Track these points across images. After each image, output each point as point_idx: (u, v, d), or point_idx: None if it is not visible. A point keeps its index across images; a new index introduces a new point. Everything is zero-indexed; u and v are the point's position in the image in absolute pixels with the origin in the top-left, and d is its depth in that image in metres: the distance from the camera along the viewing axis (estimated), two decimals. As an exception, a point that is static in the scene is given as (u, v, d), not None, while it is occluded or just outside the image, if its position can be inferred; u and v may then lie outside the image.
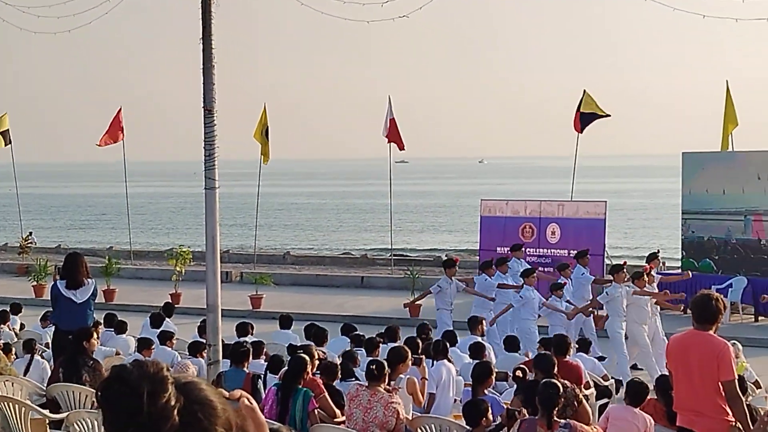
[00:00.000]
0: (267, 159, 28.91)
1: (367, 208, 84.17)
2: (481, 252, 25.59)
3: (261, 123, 28.64)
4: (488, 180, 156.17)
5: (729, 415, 7.96)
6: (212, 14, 11.36)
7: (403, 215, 73.47)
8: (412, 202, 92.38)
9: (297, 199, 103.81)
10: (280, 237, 60.15)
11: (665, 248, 37.06)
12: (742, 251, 22.17)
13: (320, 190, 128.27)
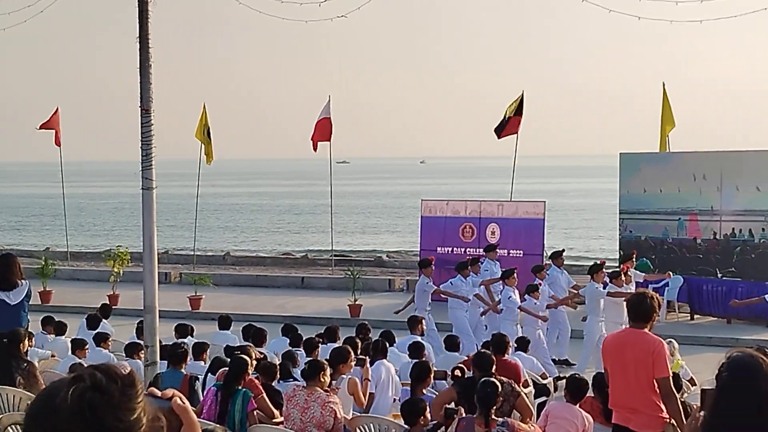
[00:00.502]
0: (210, 159, 28.78)
1: (308, 209, 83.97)
2: (421, 252, 25.68)
3: (202, 123, 28.48)
4: (429, 180, 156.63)
5: (663, 411, 8.07)
6: (149, 13, 11.24)
7: (344, 216, 73.43)
8: (353, 203, 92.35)
9: (238, 200, 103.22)
10: (220, 238, 59.77)
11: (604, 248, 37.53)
12: (678, 250, 22.47)
13: (261, 190, 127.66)
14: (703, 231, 22.23)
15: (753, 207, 21.45)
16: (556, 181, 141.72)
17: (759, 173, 21.39)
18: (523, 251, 23.57)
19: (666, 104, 24.91)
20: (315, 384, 9.31)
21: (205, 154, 28.71)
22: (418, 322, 14.37)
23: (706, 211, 22.13)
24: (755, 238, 21.42)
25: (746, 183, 21.48)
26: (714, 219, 22.02)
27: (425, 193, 47.41)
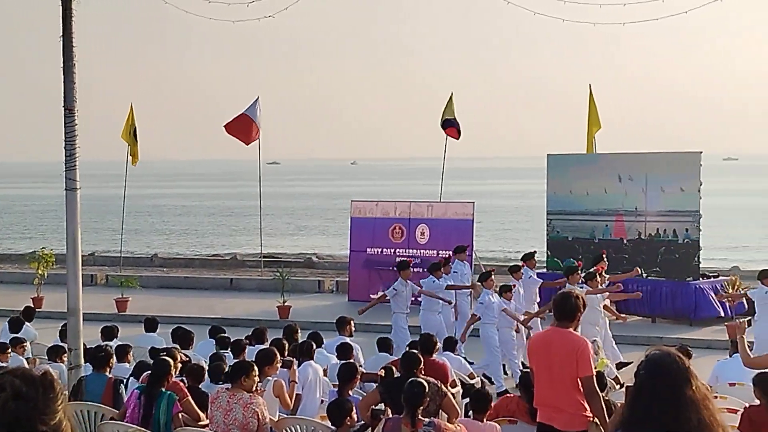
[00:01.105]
0: (136, 160, 28.54)
1: (238, 210, 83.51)
2: (351, 253, 25.73)
3: (128, 123, 28.23)
4: (360, 181, 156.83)
5: (587, 410, 8.14)
6: (73, 11, 11.09)
7: (275, 217, 73.15)
8: (283, 204, 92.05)
9: (167, 201, 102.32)
10: (147, 240, 59.14)
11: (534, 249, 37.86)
12: (605, 250, 22.70)
13: (190, 191, 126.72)
14: (628, 231, 22.51)
15: (677, 207, 21.81)
16: (486, 182, 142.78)
17: (682, 174, 21.74)
18: (452, 251, 23.66)
19: (592, 106, 25.24)
20: (239, 386, 9.26)
21: (130, 155, 28.47)
22: (347, 323, 14.34)
23: (632, 212, 22.42)
24: (679, 238, 21.78)
25: (670, 184, 21.83)
26: (639, 220, 22.33)
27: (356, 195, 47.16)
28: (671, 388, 3.90)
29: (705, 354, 17.22)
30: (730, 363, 12.32)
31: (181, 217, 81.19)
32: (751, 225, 65.66)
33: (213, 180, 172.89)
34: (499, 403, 10.07)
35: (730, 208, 75.59)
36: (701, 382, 4.03)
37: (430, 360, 10.91)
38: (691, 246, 21.65)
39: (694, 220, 21.71)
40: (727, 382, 11.73)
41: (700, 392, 3.96)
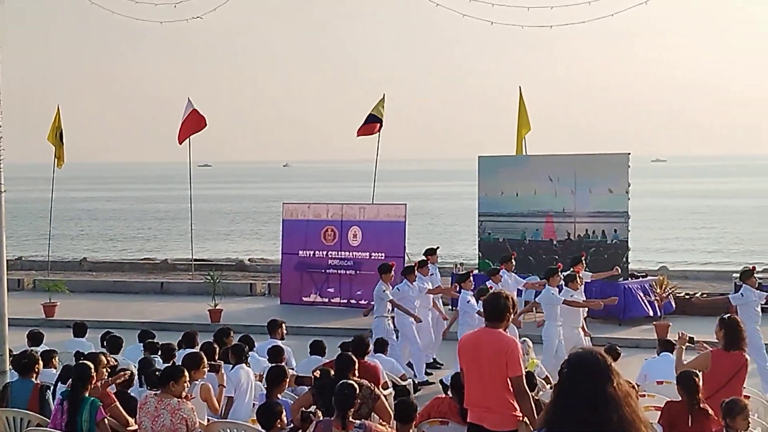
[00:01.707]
0: (62, 162, 28.30)
1: (170, 214, 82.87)
2: (283, 256, 25.71)
3: (55, 126, 27.97)
4: (293, 184, 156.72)
5: (517, 410, 8.20)
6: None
7: (206, 220, 72.74)
8: (215, 207, 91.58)
9: (96, 204, 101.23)
10: (76, 244, 58.40)
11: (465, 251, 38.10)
12: (535, 252, 22.98)
13: (121, 194, 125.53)
14: (558, 232, 22.77)
15: (605, 209, 22.10)
16: (418, 184, 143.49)
17: (610, 176, 22.05)
18: (384, 253, 23.75)
19: (522, 108, 25.51)
20: (167, 391, 9.23)
21: (56, 157, 28.19)
22: (278, 326, 14.28)
23: (561, 213, 22.67)
24: (608, 238, 22.09)
25: (599, 185, 22.12)
26: (569, 221, 22.58)
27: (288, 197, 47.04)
28: (592, 386, 3.94)
29: (634, 353, 17.54)
30: (658, 361, 12.52)
31: (111, 221, 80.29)
32: (679, 225, 67.03)
33: (143, 183, 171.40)
34: (430, 404, 10.11)
35: (659, 208, 77.08)
36: (624, 379, 4.07)
37: (363, 362, 10.94)
38: (620, 246, 21.95)
39: (622, 221, 22.00)
40: (654, 380, 11.86)
41: (622, 390, 4.00)
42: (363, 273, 23.97)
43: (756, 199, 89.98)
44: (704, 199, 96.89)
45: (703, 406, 9.11)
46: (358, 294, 24.08)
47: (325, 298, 24.53)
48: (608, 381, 3.98)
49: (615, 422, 3.91)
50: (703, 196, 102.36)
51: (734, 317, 10.30)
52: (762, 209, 72.71)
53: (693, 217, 73.93)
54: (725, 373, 9.69)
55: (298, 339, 17.01)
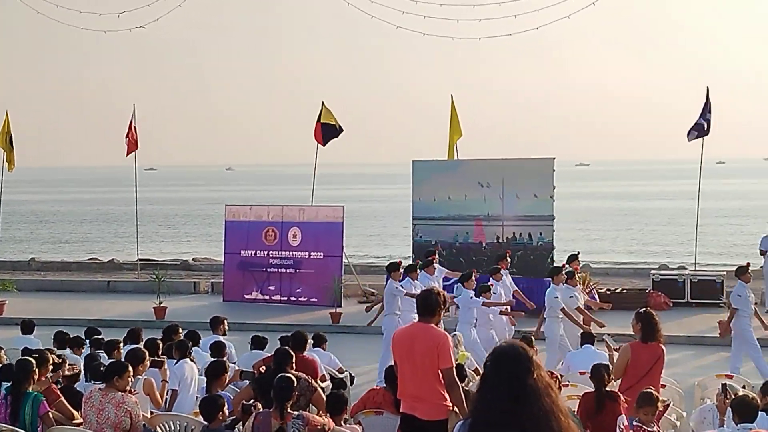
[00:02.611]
0: (12, 166, 28.48)
1: (116, 217, 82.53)
2: (225, 256, 26.33)
3: (4, 131, 28.27)
4: (236, 187, 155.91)
5: (447, 400, 8.50)
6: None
7: (152, 222, 72.75)
8: (160, 209, 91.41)
9: (44, 207, 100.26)
10: (26, 245, 58.21)
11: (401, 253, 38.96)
12: (466, 254, 23.81)
13: (68, 197, 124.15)
14: (487, 236, 23.62)
15: (531, 213, 23.06)
16: (356, 187, 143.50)
17: (536, 180, 23.01)
18: (323, 253, 24.67)
19: (454, 115, 26.19)
20: (112, 386, 9.36)
21: (6, 161, 28.50)
22: (220, 323, 14.50)
23: (490, 217, 23.54)
24: (534, 241, 23.07)
25: (525, 190, 23.08)
26: (497, 224, 23.49)
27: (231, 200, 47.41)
28: (513, 377, 4.04)
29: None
30: (581, 353, 13.11)
31: (60, 223, 79.87)
32: (601, 225, 68.61)
33: (91, 186, 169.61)
34: (366, 395, 10.44)
35: (583, 210, 78.74)
36: (545, 371, 4.20)
37: (301, 356, 11.05)
38: (545, 248, 22.91)
39: (548, 224, 22.95)
40: (577, 371, 12.20)
41: (543, 381, 4.09)
42: (302, 271, 24.82)
43: (672, 200, 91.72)
44: (625, 201, 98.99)
45: (610, 395, 9.68)
46: (297, 291, 24.88)
47: (266, 296, 25.20)
48: (528, 372, 4.06)
49: (534, 412, 3.99)
50: (624, 198, 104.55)
51: (649, 311, 10.53)
52: (678, 210, 74.38)
53: (615, 218, 75.69)
54: (645, 364, 9.93)
55: (241, 335, 17.52)
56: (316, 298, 24.49)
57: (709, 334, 19.79)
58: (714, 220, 67.71)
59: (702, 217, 28.30)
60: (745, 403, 8.58)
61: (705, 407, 10.26)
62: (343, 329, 21.68)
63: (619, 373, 10.16)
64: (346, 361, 15.26)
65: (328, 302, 23.60)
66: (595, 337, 13.61)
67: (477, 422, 4.11)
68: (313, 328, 17.56)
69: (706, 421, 9.94)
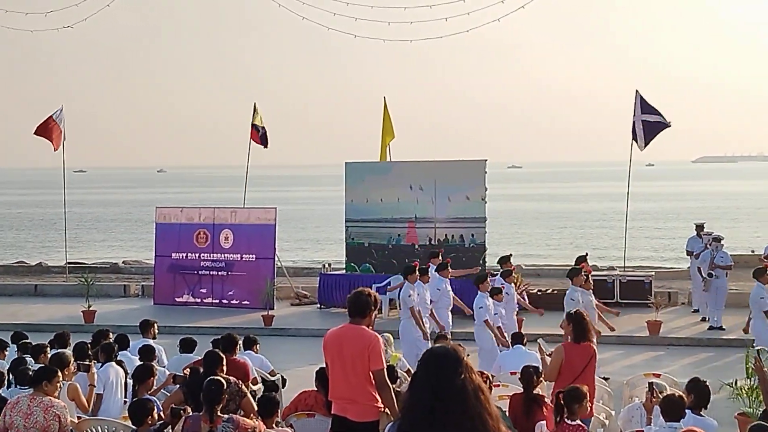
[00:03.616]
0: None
1: (44, 219, 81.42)
2: (156, 258, 26.11)
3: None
4: (167, 189, 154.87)
5: (378, 401, 8.49)
6: None
7: (81, 225, 71.94)
8: (90, 212, 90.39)
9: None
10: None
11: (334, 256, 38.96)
12: (398, 255, 23.85)
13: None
14: (420, 237, 23.74)
15: (463, 215, 23.23)
16: (288, 189, 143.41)
17: (468, 181, 23.17)
18: (255, 255, 24.58)
19: (386, 116, 26.23)
20: (40, 390, 9.25)
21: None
22: (150, 326, 14.42)
23: (423, 219, 23.66)
24: (466, 242, 23.22)
25: (457, 193, 23.22)
26: (429, 226, 23.63)
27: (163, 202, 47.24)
28: (442, 378, 4.03)
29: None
30: (512, 353, 13.27)
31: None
32: (533, 227, 69.43)
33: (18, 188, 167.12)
34: (297, 397, 10.42)
35: (515, 212, 79.66)
36: (476, 373, 4.17)
37: (231, 359, 11.05)
38: (477, 249, 23.08)
39: (480, 226, 23.10)
40: (509, 371, 12.35)
41: (473, 383, 4.06)
42: (234, 274, 24.72)
43: (603, 202, 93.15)
44: (557, 203, 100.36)
45: (536, 399, 9.81)
46: (229, 294, 24.78)
47: (197, 299, 25.07)
48: (457, 374, 4.04)
49: (461, 414, 3.98)
50: (556, 200, 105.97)
51: (579, 312, 10.64)
52: (608, 212, 75.57)
53: (546, 219, 76.67)
54: (578, 364, 10.01)
55: (172, 338, 17.03)
56: (249, 300, 24.38)
57: (637, 334, 20.04)
58: (643, 221, 68.79)
59: (631, 219, 28.72)
60: (673, 402, 8.70)
61: (633, 406, 10.41)
62: (276, 332, 21.62)
63: (553, 374, 10.23)
64: (279, 364, 15.22)
65: (260, 305, 23.49)
66: (525, 338, 13.72)
67: (404, 422, 4.09)
68: (246, 330, 17.52)
69: (634, 420, 10.08)
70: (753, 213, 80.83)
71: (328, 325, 9.51)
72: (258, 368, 13.12)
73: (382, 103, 26.47)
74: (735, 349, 17.80)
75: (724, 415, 12.54)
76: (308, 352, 18.11)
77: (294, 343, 20.31)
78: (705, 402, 9.38)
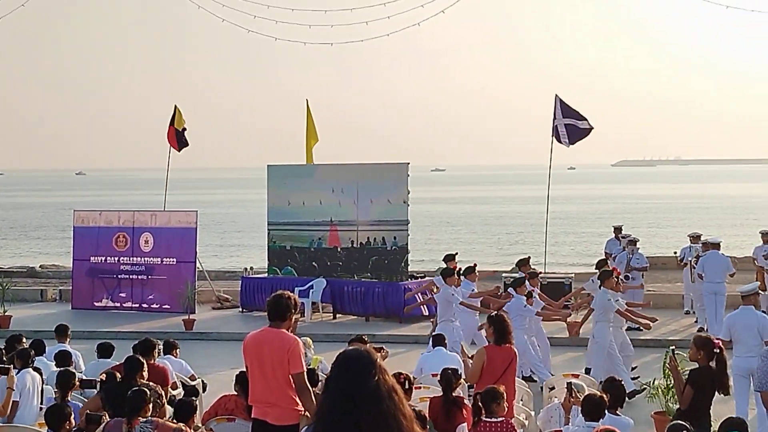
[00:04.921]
0: None
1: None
2: (74, 262, 25.75)
3: None
4: (87, 192, 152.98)
5: (299, 405, 8.50)
6: None
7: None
8: (5, 215, 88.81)
9: None
10: None
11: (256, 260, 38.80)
12: (320, 258, 23.88)
13: None
14: (342, 240, 23.69)
15: (386, 217, 23.16)
16: (210, 192, 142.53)
17: (391, 184, 23.12)
18: (176, 259, 24.34)
19: (310, 120, 26.10)
20: None
21: None
22: (66, 331, 14.19)
23: (345, 222, 23.59)
24: (388, 245, 23.18)
25: (379, 195, 23.17)
26: (351, 229, 23.54)
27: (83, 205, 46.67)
28: (354, 381, 4.02)
29: (413, 348, 18.61)
30: (432, 356, 13.21)
31: None
32: (456, 229, 70.01)
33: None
34: (217, 402, 10.37)
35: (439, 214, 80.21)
36: (390, 375, 4.16)
37: (151, 363, 11.00)
38: (399, 252, 23.05)
39: (402, 228, 23.06)
40: (430, 372, 12.39)
41: (386, 385, 4.06)
42: (154, 278, 24.46)
43: (525, 205, 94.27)
44: (479, 206, 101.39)
45: (455, 402, 9.82)
46: (149, 298, 24.51)
47: (116, 303, 24.75)
48: (370, 376, 4.04)
49: (374, 415, 3.98)
50: (479, 203, 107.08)
51: (501, 314, 10.82)
52: (530, 214, 76.44)
53: (469, 221, 77.34)
54: (500, 366, 10.17)
55: (90, 343, 16.59)
56: (169, 304, 24.15)
57: (557, 335, 20.25)
58: (564, 223, 69.71)
59: (553, 221, 29.03)
60: (593, 402, 8.82)
61: (551, 406, 10.53)
62: (197, 336, 21.44)
63: (475, 376, 10.33)
64: (200, 368, 15.15)
65: (181, 309, 23.28)
66: (446, 339, 13.80)
67: (318, 425, 4.10)
68: (166, 335, 17.34)
69: (553, 420, 10.19)
70: (670, 216, 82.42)
71: (250, 329, 9.47)
72: (178, 373, 13.01)
73: (305, 106, 26.33)
74: (652, 350, 18.10)
75: (642, 414, 12.78)
76: (230, 356, 18.02)
77: (215, 347, 20.18)
78: (621, 401, 9.57)
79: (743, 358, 12.33)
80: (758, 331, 12.35)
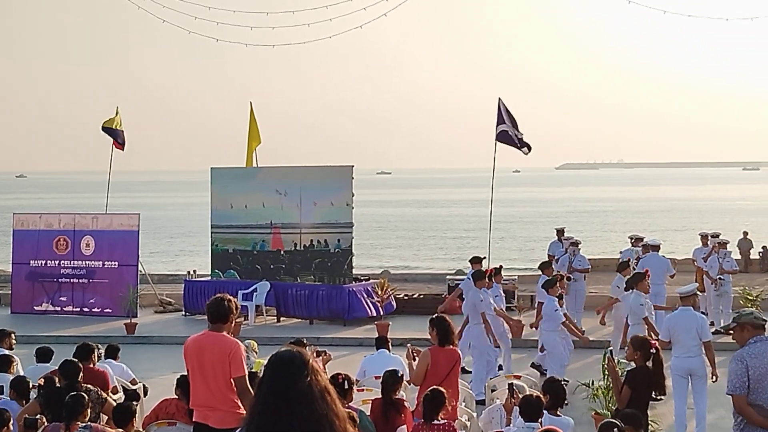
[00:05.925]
0: None
1: None
2: (13, 266, 25.48)
3: None
4: (27, 195, 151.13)
5: (240, 408, 8.43)
6: None
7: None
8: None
9: None
10: None
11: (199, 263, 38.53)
12: (263, 261, 23.80)
13: None
14: (285, 243, 23.61)
15: (329, 220, 23.14)
16: (153, 195, 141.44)
17: (335, 187, 23.11)
18: (118, 262, 24.13)
19: (252, 122, 25.92)
20: None
21: None
22: (6, 336, 13.96)
23: (288, 225, 23.52)
24: (331, 247, 23.16)
25: (323, 198, 23.15)
26: (294, 232, 23.49)
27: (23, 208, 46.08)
28: (286, 382, 4.02)
29: (357, 350, 18.56)
30: (376, 358, 13.19)
31: None
32: (401, 231, 70.14)
33: None
34: (158, 405, 10.31)
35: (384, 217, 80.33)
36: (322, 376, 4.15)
37: (89, 367, 11.00)
38: (342, 254, 23.02)
39: (346, 231, 23.03)
40: (373, 375, 12.33)
41: (319, 386, 4.06)
42: (96, 281, 24.25)
43: (470, 208, 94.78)
44: (425, 209, 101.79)
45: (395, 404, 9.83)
46: (91, 302, 24.29)
47: (57, 307, 24.53)
48: (303, 377, 4.04)
49: (306, 416, 3.97)
50: (424, 206, 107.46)
51: (442, 316, 10.80)
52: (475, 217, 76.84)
53: (414, 225, 77.54)
54: (443, 368, 10.22)
55: (30, 347, 16.41)
56: (111, 308, 23.96)
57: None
58: (509, 226, 70.15)
59: (497, 224, 29.19)
60: (531, 403, 8.88)
61: (493, 407, 10.56)
62: (139, 340, 21.27)
63: (419, 378, 10.35)
64: (141, 372, 15.11)
65: (123, 312, 23.13)
66: (389, 342, 13.80)
67: (251, 426, 4.07)
68: (107, 339, 17.30)
69: (494, 421, 10.23)
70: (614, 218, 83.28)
71: (192, 332, 9.43)
72: (119, 377, 12.94)
73: (249, 108, 26.23)
74: (592, 351, 18.26)
75: (582, 415, 12.89)
76: (172, 359, 17.77)
77: (158, 350, 20.03)
78: (560, 401, 9.64)
79: (682, 358, 12.50)
80: (697, 332, 12.50)
